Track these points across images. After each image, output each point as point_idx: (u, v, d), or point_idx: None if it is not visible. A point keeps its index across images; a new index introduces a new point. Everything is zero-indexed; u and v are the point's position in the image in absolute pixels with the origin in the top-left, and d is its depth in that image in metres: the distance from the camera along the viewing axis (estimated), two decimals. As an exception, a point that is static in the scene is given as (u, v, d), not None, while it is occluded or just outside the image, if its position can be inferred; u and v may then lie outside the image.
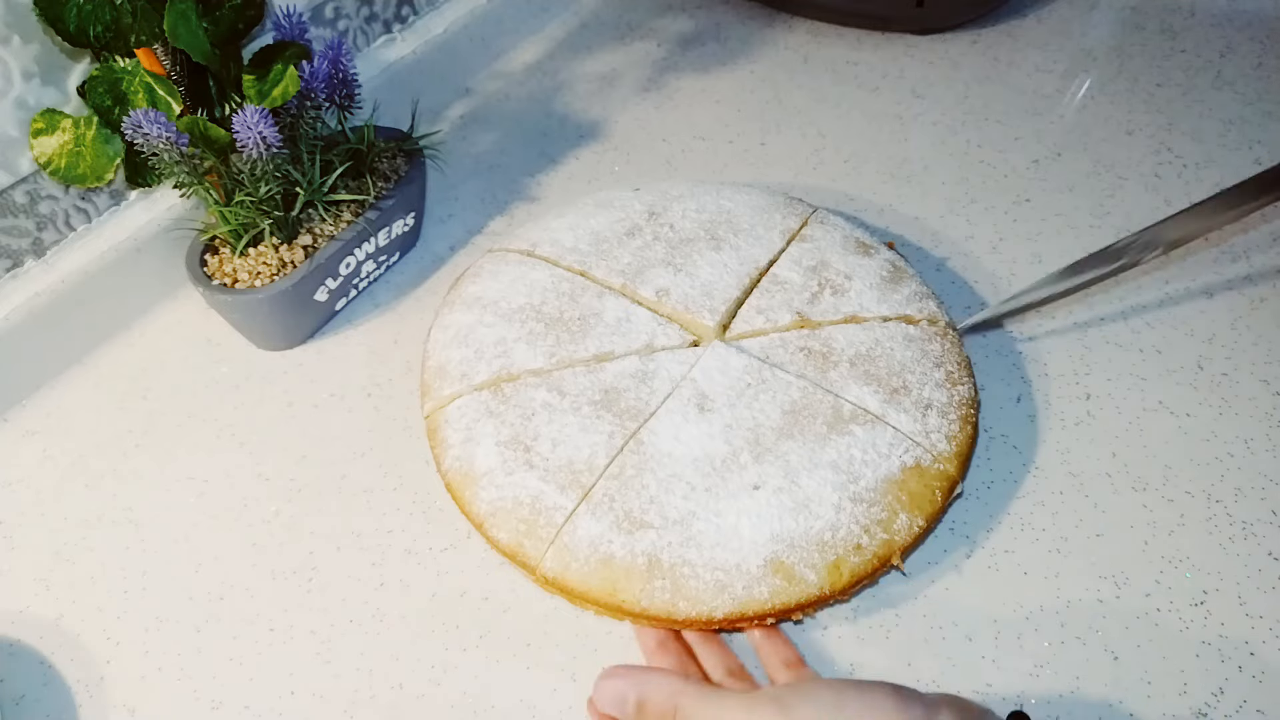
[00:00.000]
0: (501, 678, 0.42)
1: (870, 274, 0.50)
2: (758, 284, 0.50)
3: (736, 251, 0.51)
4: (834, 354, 0.46)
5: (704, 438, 0.43)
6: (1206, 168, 0.61)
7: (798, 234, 0.53)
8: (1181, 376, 0.50)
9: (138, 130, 0.43)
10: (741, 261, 0.50)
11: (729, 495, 0.41)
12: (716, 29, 0.76)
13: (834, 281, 0.50)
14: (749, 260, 0.51)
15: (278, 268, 0.51)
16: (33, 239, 0.52)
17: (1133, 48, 0.71)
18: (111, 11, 0.42)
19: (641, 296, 0.49)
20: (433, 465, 0.47)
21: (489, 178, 0.65)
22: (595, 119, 0.69)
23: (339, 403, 0.52)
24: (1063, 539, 0.45)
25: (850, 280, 0.50)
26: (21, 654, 0.43)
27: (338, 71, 0.49)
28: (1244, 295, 0.54)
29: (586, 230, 0.53)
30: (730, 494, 0.41)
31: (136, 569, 0.46)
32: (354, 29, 0.64)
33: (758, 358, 0.46)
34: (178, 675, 0.42)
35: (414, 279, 0.59)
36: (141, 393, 0.54)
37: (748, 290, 0.50)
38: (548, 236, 0.53)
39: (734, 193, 0.55)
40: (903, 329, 0.48)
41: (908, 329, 0.48)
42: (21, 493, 0.50)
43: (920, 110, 0.68)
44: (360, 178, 0.54)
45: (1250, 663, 0.40)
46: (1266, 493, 0.46)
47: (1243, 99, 0.66)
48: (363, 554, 0.46)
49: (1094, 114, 0.66)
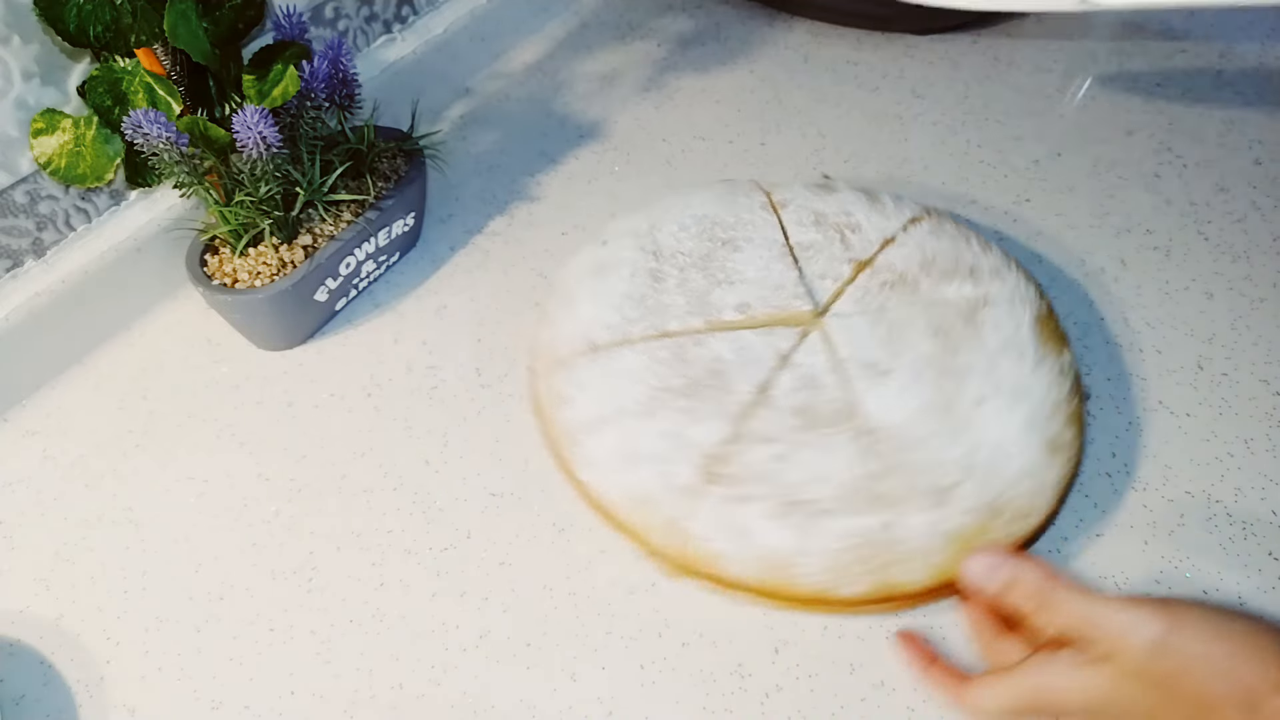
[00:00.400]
0: (501, 678, 0.42)
1: (858, 204, 0.52)
2: (796, 257, 0.50)
3: (752, 243, 0.51)
4: (907, 274, 0.48)
5: (909, 395, 0.43)
6: (1206, 168, 0.61)
7: (774, 205, 0.53)
8: (1181, 376, 0.50)
9: (138, 130, 0.43)
10: (767, 248, 0.50)
11: (973, 420, 0.43)
12: (716, 29, 0.76)
13: (843, 223, 0.51)
14: (771, 243, 0.51)
15: (278, 268, 0.51)
16: (33, 239, 0.52)
17: (1133, 48, 0.71)
18: (111, 11, 0.42)
19: (731, 321, 0.47)
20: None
21: (489, 178, 0.65)
22: (595, 119, 0.69)
23: (339, 403, 0.52)
24: (1062, 539, 0.45)
25: (851, 215, 0.52)
26: (21, 654, 0.43)
27: (338, 71, 0.49)
28: (1244, 295, 0.54)
29: (614, 297, 0.49)
30: (972, 419, 0.43)
31: (136, 569, 0.46)
32: (354, 29, 0.64)
33: (869, 311, 0.47)
34: (178, 675, 0.42)
35: (414, 279, 0.59)
36: (141, 393, 0.54)
37: (796, 265, 0.50)
38: (588, 325, 0.48)
39: (690, 198, 0.54)
40: (921, 228, 0.51)
41: (923, 226, 0.51)
42: (21, 493, 0.50)
43: (920, 110, 0.68)
44: (360, 178, 0.54)
45: (1250, 663, 0.40)
46: (1266, 493, 0.46)
47: (1243, 99, 0.66)
48: (363, 554, 0.46)
49: (1094, 114, 0.66)
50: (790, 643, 0.42)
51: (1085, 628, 0.33)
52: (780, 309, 0.48)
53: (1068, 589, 0.34)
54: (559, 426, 0.46)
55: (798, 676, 0.41)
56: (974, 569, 0.36)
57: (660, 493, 0.42)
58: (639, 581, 0.45)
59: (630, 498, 0.43)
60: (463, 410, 0.52)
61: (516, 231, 0.61)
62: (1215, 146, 0.63)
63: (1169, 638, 0.31)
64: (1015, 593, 0.35)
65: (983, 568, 0.36)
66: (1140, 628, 0.31)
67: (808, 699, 0.40)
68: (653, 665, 0.42)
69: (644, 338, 0.47)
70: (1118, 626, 0.32)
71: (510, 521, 0.47)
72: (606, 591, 0.44)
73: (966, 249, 0.50)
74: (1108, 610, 0.32)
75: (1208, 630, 0.31)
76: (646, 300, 0.48)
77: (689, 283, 0.49)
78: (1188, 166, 0.62)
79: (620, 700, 0.41)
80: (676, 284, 0.49)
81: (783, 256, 0.50)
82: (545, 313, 0.51)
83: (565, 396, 0.46)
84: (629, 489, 0.43)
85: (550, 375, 0.48)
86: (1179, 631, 0.31)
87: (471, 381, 0.53)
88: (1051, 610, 0.34)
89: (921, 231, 0.51)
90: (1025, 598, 0.35)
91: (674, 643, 0.42)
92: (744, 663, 0.42)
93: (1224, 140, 0.63)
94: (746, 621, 0.43)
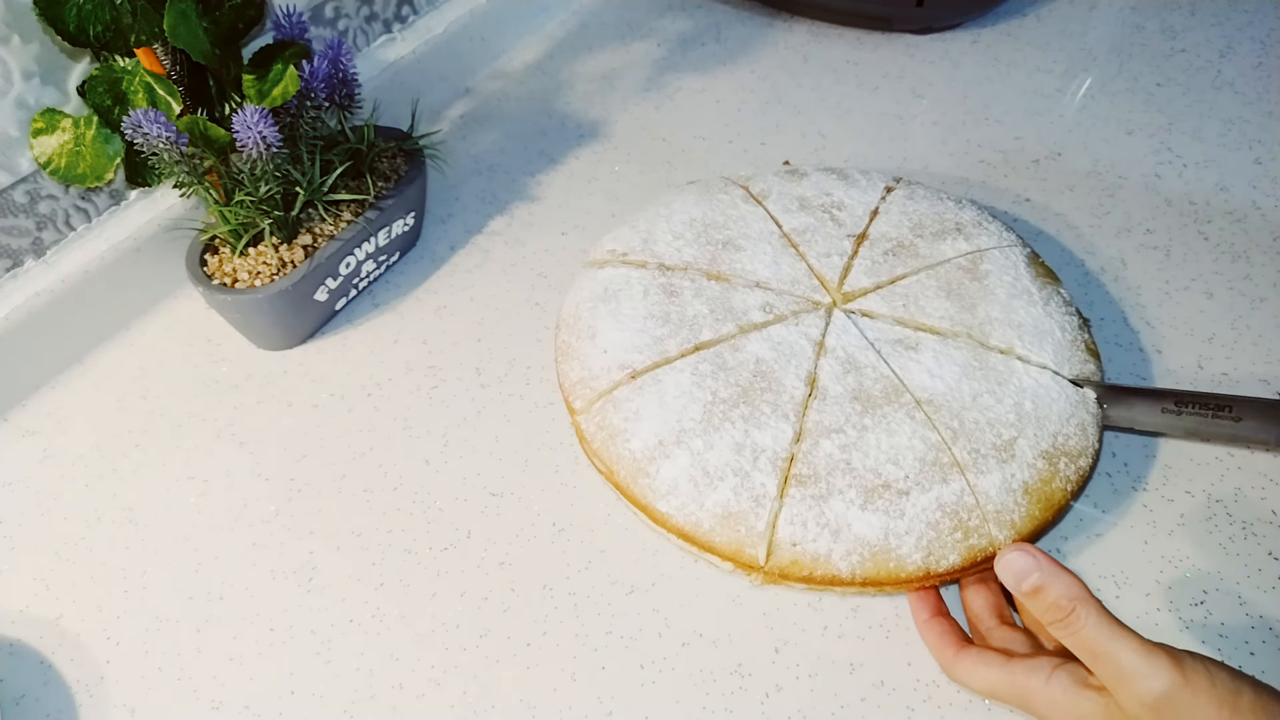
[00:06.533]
0: (501, 678, 0.42)
1: (832, 183, 0.54)
2: (796, 244, 0.51)
3: (750, 239, 0.51)
4: (902, 240, 0.50)
5: (945, 359, 0.45)
6: (1206, 167, 0.61)
7: (755, 197, 0.54)
8: (1181, 376, 0.50)
9: (138, 130, 0.43)
10: (767, 240, 0.51)
11: (1008, 372, 0.44)
12: (716, 29, 0.76)
13: (826, 203, 0.53)
14: (767, 235, 0.51)
15: (278, 267, 0.51)
16: (33, 239, 0.52)
17: (1133, 47, 0.71)
18: (111, 11, 0.42)
19: (760, 321, 0.47)
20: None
21: (489, 178, 0.65)
22: (595, 119, 0.69)
23: (339, 403, 0.52)
24: (1062, 539, 0.45)
25: (830, 195, 0.53)
26: (21, 654, 0.43)
27: (338, 71, 0.49)
28: (1244, 295, 0.54)
29: (638, 320, 0.47)
30: (1007, 371, 0.44)
31: (136, 569, 0.46)
32: (354, 28, 0.64)
33: (883, 287, 0.48)
34: (178, 675, 0.42)
35: (414, 279, 0.59)
36: (141, 393, 0.54)
37: (800, 253, 0.50)
38: (621, 350, 0.47)
39: (670, 205, 0.54)
40: (898, 195, 0.54)
41: (899, 193, 0.54)
42: (21, 493, 0.50)
43: (920, 110, 0.68)
44: (360, 177, 0.54)
45: (1250, 663, 0.40)
46: (1266, 493, 0.46)
47: (1243, 99, 0.66)
48: (363, 554, 0.46)
49: (1094, 114, 0.66)
50: (790, 643, 0.42)
51: (1096, 658, 0.32)
52: (802, 298, 0.48)
53: (1092, 613, 0.33)
54: (623, 462, 0.44)
55: (798, 676, 0.41)
56: (1005, 569, 0.35)
57: (747, 505, 0.41)
58: (639, 581, 0.45)
59: (716, 517, 0.41)
60: (463, 410, 0.52)
61: (516, 231, 0.61)
62: (1215, 146, 0.63)
63: (1176, 694, 0.30)
64: (1039, 601, 0.34)
65: (1016, 569, 0.35)
66: (1151, 677, 0.31)
67: (808, 699, 0.40)
68: (653, 665, 0.42)
69: (681, 353, 0.46)
70: (1129, 668, 0.31)
71: (510, 521, 0.47)
72: (606, 591, 0.44)
73: (946, 208, 0.52)
74: (1124, 649, 0.32)
75: (1216, 695, 0.30)
76: (670, 316, 0.47)
77: (705, 291, 0.48)
78: (1188, 166, 0.62)
79: (620, 700, 0.41)
80: (693, 294, 0.48)
81: (785, 248, 0.50)
82: (566, 350, 0.49)
83: (619, 430, 0.44)
84: (713, 509, 0.42)
85: (596, 412, 0.46)
86: (1187, 689, 0.30)
87: (471, 381, 0.53)
88: (1069, 630, 0.33)
89: (899, 198, 0.53)
90: (1047, 609, 0.34)
91: (674, 643, 0.42)
92: (744, 663, 0.42)
93: (1224, 140, 0.63)
94: (746, 621, 0.43)
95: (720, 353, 0.46)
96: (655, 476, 0.43)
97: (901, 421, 0.42)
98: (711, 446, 0.42)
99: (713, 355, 0.45)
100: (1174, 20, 0.74)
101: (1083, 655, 0.33)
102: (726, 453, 0.42)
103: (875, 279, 0.49)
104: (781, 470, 0.42)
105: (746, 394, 0.44)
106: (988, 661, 0.36)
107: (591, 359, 0.47)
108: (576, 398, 0.47)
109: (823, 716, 0.40)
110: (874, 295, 0.48)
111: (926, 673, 0.41)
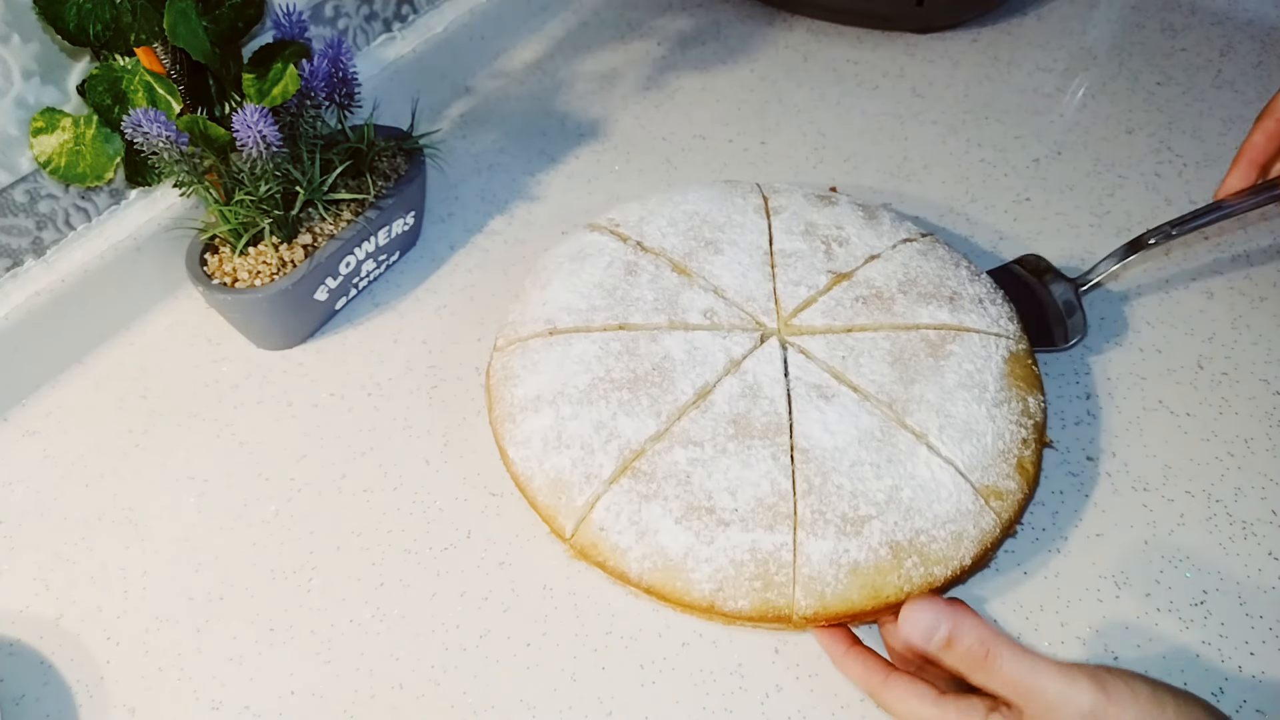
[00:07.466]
0: (501, 678, 0.42)
1: (851, 218, 0.52)
2: (775, 265, 0.50)
3: (735, 246, 0.51)
4: (883, 292, 0.48)
5: (849, 419, 0.43)
6: (1206, 167, 0.61)
7: (768, 208, 0.53)
8: (1181, 376, 0.50)
9: (137, 129, 0.43)
10: (749, 253, 0.51)
11: (909, 455, 0.42)
12: (716, 28, 0.76)
13: (831, 235, 0.51)
14: (753, 248, 0.51)
15: (278, 267, 0.51)
16: (32, 238, 0.52)
17: (1133, 47, 0.71)
18: (111, 10, 0.42)
19: (693, 323, 0.47)
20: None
21: (489, 177, 0.65)
22: (595, 119, 0.69)
23: (339, 403, 0.52)
24: (1062, 538, 0.45)
25: (842, 229, 0.52)
26: (21, 654, 0.43)
27: (337, 70, 0.49)
28: (1244, 295, 0.54)
29: (586, 286, 0.49)
30: (908, 453, 0.42)
31: (136, 569, 0.46)
32: (354, 27, 0.64)
33: (833, 328, 0.47)
34: (178, 675, 0.42)
35: (414, 278, 0.59)
36: (141, 393, 0.54)
37: (773, 274, 0.50)
38: (555, 307, 0.48)
39: (685, 194, 0.54)
40: (911, 247, 0.51)
41: (914, 246, 0.51)
42: (21, 493, 0.49)
43: (920, 110, 0.68)
44: (360, 177, 0.54)
45: (1250, 663, 0.40)
46: (1266, 493, 0.46)
47: (1243, 98, 0.66)
48: (363, 554, 0.46)
49: (1094, 113, 0.66)
50: (790, 643, 0.42)
51: (1020, 694, 0.32)
52: (748, 316, 0.48)
53: (1004, 651, 0.32)
54: (502, 403, 0.46)
55: (798, 676, 0.41)
56: (911, 628, 0.34)
57: (577, 479, 0.42)
58: (639, 581, 0.45)
59: (548, 480, 0.43)
60: (463, 410, 0.52)
61: (516, 231, 0.61)
62: (1215, 146, 0.63)
63: (1102, 712, 0.31)
64: (952, 653, 0.33)
65: (920, 629, 0.34)
66: (1074, 699, 0.31)
67: (808, 699, 0.40)
68: (653, 665, 0.42)
69: (604, 327, 0.47)
70: (1053, 696, 0.31)
71: (510, 521, 0.47)
72: (607, 591, 0.44)
73: (953, 274, 0.49)
74: (1044, 679, 0.32)
75: (1140, 707, 0.31)
76: (616, 291, 0.49)
77: (662, 279, 0.49)
78: (1188, 166, 0.62)
79: (620, 700, 0.41)
80: (650, 279, 0.49)
81: (762, 264, 0.50)
82: (521, 293, 0.51)
83: (514, 374, 0.47)
84: (548, 471, 0.43)
85: (507, 352, 0.48)
86: (1112, 706, 0.31)
87: (471, 381, 0.53)
88: (988, 673, 0.33)
89: (911, 250, 0.51)
90: (961, 658, 0.33)
91: (674, 643, 0.43)
92: (744, 663, 0.42)
93: (1224, 140, 0.63)
94: (747, 621, 0.43)
95: (637, 339, 0.46)
96: (518, 425, 0.45)
97: (762, 459, 0.42)
98: (576, 416, 0.44)
99: (629, 338, 0.46)
100: (1174, 19, 0.74)
101: (1007, 693, 0.33)
102: (586, 427, 0.43)
103: (830, 321, 0.47)
104: (625, 460, 0.43)
105: (636, 382, 0.45)
106: (920, 695, 0.35)
107: (532, 307, 0.49)
108: (502, 335, 0.50)
109: (823, 716, 0.40)
110: (820, 337, 0.46)
111: (926, 673, 0.41)
